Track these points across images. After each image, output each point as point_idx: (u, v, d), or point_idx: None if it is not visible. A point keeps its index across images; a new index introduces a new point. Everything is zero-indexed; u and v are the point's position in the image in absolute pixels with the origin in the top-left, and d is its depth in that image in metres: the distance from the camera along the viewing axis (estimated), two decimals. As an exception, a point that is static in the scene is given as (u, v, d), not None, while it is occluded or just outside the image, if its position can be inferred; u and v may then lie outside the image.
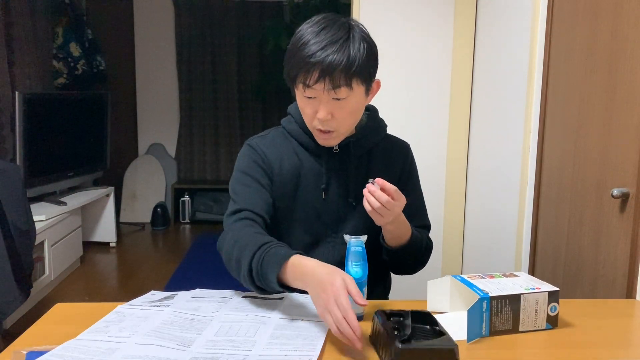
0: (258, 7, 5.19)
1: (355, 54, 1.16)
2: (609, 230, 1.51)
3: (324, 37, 1.15)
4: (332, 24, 1.17)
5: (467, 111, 2.64)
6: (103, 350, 0.94)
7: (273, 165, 1.31)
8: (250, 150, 1.33)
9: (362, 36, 1.20)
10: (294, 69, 1.17)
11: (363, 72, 1.18)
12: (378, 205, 1.13)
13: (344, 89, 1.16)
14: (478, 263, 2.55)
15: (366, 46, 1.19)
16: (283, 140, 1.35)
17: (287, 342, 0.98)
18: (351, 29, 1.19)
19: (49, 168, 3.69)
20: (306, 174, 1.32)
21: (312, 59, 1.13)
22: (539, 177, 1.95)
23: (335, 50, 1.13)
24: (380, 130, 1.39)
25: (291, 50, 1.19)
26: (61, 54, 4.39)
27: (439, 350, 0.91)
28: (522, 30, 2.07)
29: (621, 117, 1.46)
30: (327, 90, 1.15)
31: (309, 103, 1.20)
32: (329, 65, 1.13)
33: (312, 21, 1.20)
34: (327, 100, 1.18)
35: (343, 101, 1.18)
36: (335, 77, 1.14)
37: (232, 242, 1.17)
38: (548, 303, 1.08)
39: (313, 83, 1.15)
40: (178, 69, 5.28)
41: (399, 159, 1.39)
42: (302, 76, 1.16)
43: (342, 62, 1.13)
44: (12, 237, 2.42)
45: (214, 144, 5.42)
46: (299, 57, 1.15)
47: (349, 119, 1.23)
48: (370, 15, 2.59)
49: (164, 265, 4.01)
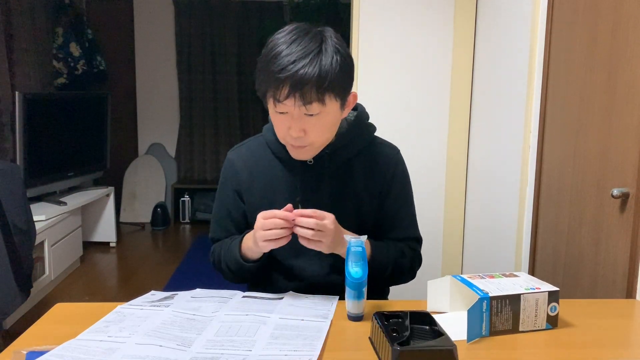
0: (258, 7, 5.19)
1: (328, 68, 1.09)
2: (609, 230, 1.51)
3: (295, 49, 1.09)
4: (303, 36, 1.12)
5: (467, 111, 2.65)
6: (103, 350, 0.94)
7: (244, 184, 1.32)
8: (227, 165, 1.37)
9: (336, 48, 1.13)
10: (264, 83, 1.13)
11: (336, 86, 1.12)
12: (312, 232, 1.11)
13: (316, 105, 1.11)
14: (478, 263, 2.55)
15: (339, 59, 1.12)
16: (260, 150, 1.33)
17: (287, 342, 0.98)
18: (324, 40, 1.12)
19: (49, 168, 3.69)
20: (281, 189, 1.29)
21: (282, 73, 1.08)
22: (539, 177, 1.95)
23: (307, 63, 1.08)
24: (362, 139, 1.31)
25: (262, 63, 1.14)
26: (61, 54, 4.39)
27: (438, 351, 0.91)
28: (522, 31, 2.07)
29: (621, 117, 1.46)
30: (298, 106, 1.11)
31: (281, 118, 1.16)
32: (299, 80, 1.07)
33: (284, 31, 1.15)
34: (299, 116, 1.13)
35: (316, 117, 1.13)
36: (307, 93, 1.09)
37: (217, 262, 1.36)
38: (548, 303, 1.08)
39: (283, 98, 1.10)
40: (178, 69, 5.28)
41: (382, 169, 1.31)
42: (272, 91, 1.11)
43: (314, 77, 1.08)
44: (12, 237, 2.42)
45: (214, 144, 5.41)
46: (268, 72, 1.11)
47: (324, 134, 1.19)
48: (370, 15, 2.59)
49: (164, 265, 4.01)
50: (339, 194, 1.28)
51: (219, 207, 1.39)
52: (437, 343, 0.92)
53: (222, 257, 1.33)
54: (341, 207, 1.26)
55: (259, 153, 1.33)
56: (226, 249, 1.31)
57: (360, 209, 1.30)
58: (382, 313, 1.03)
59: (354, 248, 1.11)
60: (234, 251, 1.27)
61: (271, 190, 1.30)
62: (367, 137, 1.33)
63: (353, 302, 1.11)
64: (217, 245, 1.38)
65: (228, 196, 1.36)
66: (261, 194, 1.31)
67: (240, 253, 1.26)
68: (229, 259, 1.30)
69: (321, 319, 1.09)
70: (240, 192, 1.34)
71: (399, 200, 1.33)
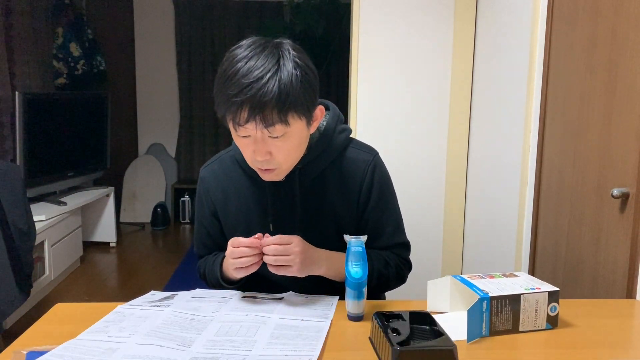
0: (258, 7, 5.19)
1: (288, 86, 1.02)
2: (609, 230, 1.51)
3: (252, 68, 1.02)
4: (260, 52, 1.04)
5: (467, 111, 2.65)
6: (103, 350, 0.94)
7: (219, 204, 1.29)
8: (199, 184, 1.34)
9: (295, 62, 1.05)
10: (222, 106, 1.05)
11: (299, 104, 1.04)
12: (274, 258, 1.09)
13: (279, 127, 1.04)
14: (478, 263, 2.56)
15: (300, 73, 1.04)
16: (231, 166, 1.28)
17: (287, 342, 0.98)
18: (282, 55, 1.04)
19: (49, 168, 3.69)
20: (254, 209, 1.25)
21: (239, 96, 1.01)
22: (539, 177, 1.95)
23: (264, 83, 1.00)
24: (334, 149, 1.23)
25: (219, 84, 1.06)
26: (61, 54, 4.39)
27: (438, 351, 0.91)
28: (522, 30, 2.07)
29: (621, 117, 1.46)
30: (260, 129, 1.04)
31: (245, 142, 1.09)
32: (258, 102, 1.00)
33: (240, 47, 1.07)
34: (262, 138, 1.06)
35: (281, 139, 1.07)
36: (267, 115, 1.02)
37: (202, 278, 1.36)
38: (548, 303, 1.08)
39: (244, 122, 1.03)
40: (178, 69, 5.28)
41: (357, 177, 1.24)
42: (231, 115, 1.04)
43: (274, 98, 1.01)
44: (12, 237, 2.42)
45: (214, 144, 5.41)
46: (226, 95, 1.03)
47: (291, 155, 1.12)
48: (370, 15, 2.59)
49: (164, 265, 4.01)
50: (315, 210, 1.23)
51: (198, 225, 1.37)
52: (437, 343, 0.92)
53: (207, 276, 1.33)
54: (318, 223, 1.23)
55: (230, 170, 1.29)
56: (209, 269, 1.30)
57: (340, 222, 1.24)
58: (382, 313, 1.03)
59: (354, 248, 1.11)
60: (215, 273, 1.26)
61: (245, 211, 1.26)
62: (340, 145, 1.24)
63: (353, 302, 1.11)
64: (202, 261, 1.37)
65: (204, 216, 1.34)
66: (236, 214, 1.27)
67: (221, 275, 1.25)
68: (211, 279, 1.29)
69: (321, 319, 1.09)
70: (215, 212, 1.31)
71: (379, 207, 1.26)
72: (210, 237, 1.35)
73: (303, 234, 1.17)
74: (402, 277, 1.33)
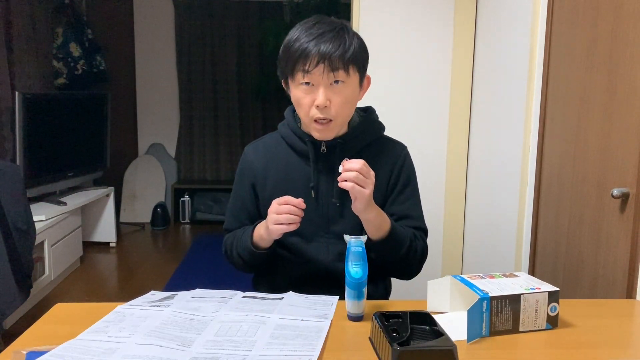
0: (258, 7, 5.19)
1: (351, 43, 1.22)
2: (609, 230, 1.51)
3: (319, 28, 1.22)
4: (324, 20, 1.25)
5: (467, 111, 2.65)
6: (103, 350, 0.94)
7: (257, 175, 1.39)
8: (242, 159, 1.44)
9: (354, 33, 1.27)
10: (292, 59, 1.22)
11: (358, 60, 1.24)
12: (354, 174, 1.15)
13: (342, 73, 1.22)
14: (478, 263, 2.56)
15: (359, 40, 1.26)
16: (275, 144, 1.41)
17: (287, 342, 0.98)
18: (343, 25, 1.26)
19: (49, 168, 3.69)
20: (294, 177, 1.36)
21: (310, 45, 1.20)
22: (539, 177, 1.96)
23: (332, 37, 1.20)
24: (372, 132, 1.39)
25: (287, 46, 1.24)
26: (61, 54, 4.39)
27: (438, 351, 0.91)
28: (522, 30, 2.07)
29: (621, 117, 1.46)
30: (326, 74, 1.20)
31: (307, 91, 1.24)
32: (326, 50, 1.19)
33: (301, 23, 1.26)
34: (325, 85, 1.22)
35: (340, 86, 1.23)
36: (334, 60, 1.20)
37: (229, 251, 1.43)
38: (548, 303, 1.08)
39: (312, 68, 1.20)
40: (178, 69, 5.28)
41: (390, 161, 1.38)
42: (300, 63, 1.21)
43: (339, 48, 1.20)
44: (12, 237, 2.42)
45: (214, 144, 5.41)
46: (296, 48, 1.21)
47: (345, 107, 1.27)
48: (370, 15, 2.59)
49: (164, 265, 4.01)
50: None
51: (234, 199, 1.45)
52: (437, 343, 0.92)
53: (234, 246, 1.39)
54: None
55: (275, 146, 1.41)
56: (238, 237, 1.38)
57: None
58: (382, 313, 1.03)
59: (354, 248, 1.12)
60: (246, 240, 1.34)
61: (285, 179, 1.36)
62: (377, 131, 1.41)
63: (353, 302, 1.11)
64: (230, 235, 1.44)
65: (243, 189, 1.42)
66: (275, 184, 1.37)
67: (252, 241, 1.32)
68: (240, 247, 1.36)
69: (321, 319, 1.09)
70: (255, 185, 1.40)
71: (407, 191, 1.39)
72: (243, 209, 1.42)
73: (340, 202, 1.32)
74: (423, 260, 1.39)
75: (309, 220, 1.31)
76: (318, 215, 1.34)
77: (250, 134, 5.36)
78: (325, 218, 1.34)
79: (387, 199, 1.37)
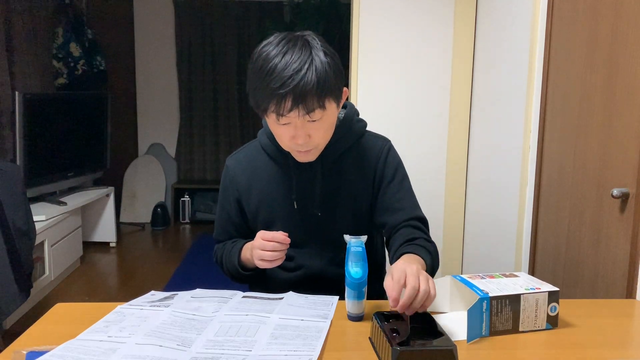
0: (258, 7, 5.19)
1: (323, 74, 1.12)
2: (609, 230, 1.51)
3: (290, 61, 1.11)
4: (292, 47, 1.13)
5: (467, 111, 2.65)
6: (103, 350, 0.94)
7: (241, 189, 1.38)
8: (225, 172, 1.43)
9: (324, 51, 1.15)
10: (265, 100, 1.14)
11: (334, 89, 1.16)
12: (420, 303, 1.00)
13: (318, 111, 1.15)
14: (478, 263, 2.56)
15: (329, 61, 1.14)
16: (257, 154, 1.39)
17: (287, 342, 0.98)
18: (312, 47, 1.14)
19: (49, 168, 3.69)
20: (278, 188, 1.34)
21: (283, 88, 1.10)
22: (539, 177, 1.96)
23: (304, 74, 1.10)
24: (352, 135, 1.34)
25: (257, 80, 1.15)
26: (61, 54, 4.39)
27: (438, 351, 0.91)
28: (522, 30, 2.07)
29: (621, 117, 1.46)
30: (302, 116, 1.14)
31: (284, 129, 1.18)
32: (300, 92, 1.10)
33: (270, 44, 1.16)
34: (302, 124, 1.16)
35: (318, 121, 1.17)
36: (309, 102, 1.12)
37: (219, 264, 1.44)
38: (548, 303, 1.08)
39: (287, 112, 1.12)
40: (178, 69, 5.28)
41: (373, 158, 1.35)
42: (273, 106, 1.13)
43: (314, 86, 1.10)
44: (12, 237, 2.42)
45: (214, 144, 5.42)
46: (268, 89, 1.12)
47: (326, 135, 1.23)
48: (370, 15, 2.59)
49: (164, 265, 4.01)
50: (334, 189, 1.33)
51: (220, 211, 1.45)
52: (437, 343, 0.92)
53: (223, 261, 1.41)
54: (336, 201, 1.33)
55: (256, 157, 1.38)
56: (227, 254, 1.39)
57: (355, 199, 1.34)
58: (382, 313, 1.03)
59: (354, 248, 1.11)
60: (233, 259, 1.35)
61: (269, 191, 1.35)
62: (358, 132, 1.36)
63: (353, 302, 1.11)
64: (220, 246, 1.45)
65: (228, 202, 1.42)
66: (259, 196, 1.36)
67: (239, 261, 1.34)
68: (229, 264, 1.38)
69: (321, 319, 1.09)
70: (239, 199, 1.40)
71: (394, 183, 1.35)
72: (231, 223, 1.42)
73: (322, 211, 1.31)
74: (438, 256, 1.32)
75: (296, 229, 1.31)
76: (304, 225, 1.33)
77: (250, 134, 5.35)
78: (311, 227, 1.34)
79: (377, 196, 1.35)
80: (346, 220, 1.32)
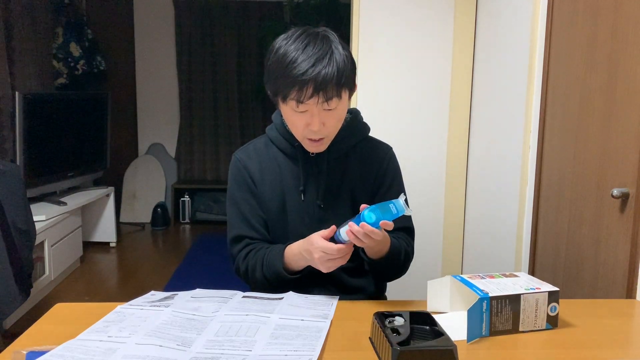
0: (258, 7, 5.19)
1: (343, 66, 1.21)
2: (609, 230, 1.51)
3: (311, 53, 1.19)
4: (313, 39, 1.21)
5: (467, 111, 2.65)
6: (103, 350, 0.94)
7: (255, 178, 1.39)
8: (235, 165, 1.42)
9: (342, 45, 1.24)
10: (287, 87, 1.20)
11: (350, 81, 1.24)
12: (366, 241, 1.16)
13: (335, 100, 1.22)
14: (478, 263, 2.55)
15: (347, 55, 1.24)
16: (265, 148, 1.42)
17: (287, 342, 0.98)
18: (331, 41, 1.23)
19: (49, 168, 3.69)
20: (287, 180, 1.38)
21: (305, 76, 1.17)
22: (539, 177, 1.95)
23: (326, 64, 1.18)
24: (358, 134, 1.41)
25: (277, 70, 1.21)
26: (61, 54, 4.39)
27: (438, 351, 0.91)
28: (522, 30, 2.07)
29: (621, 117, 1.46)
30: (320, 103, 1.20)
31: (301, 117, 1.24)
32: (322, 80, 1.18)
33: (290, 37, 1.23)
34: (318, 112, 1.23)
35: (333, 110, 1.24)
36: (328, 91, 1.19)
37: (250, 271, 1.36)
38: (548, 303, 1.08)
39: (307, 99, 1.19)
40: (178, 69, 5.28)
41: (375, 162, 1.41)
42: (294, 93, 1.20)
43: (334, 76, 1.19)
44: (12, 237, 2.42)
45: (214, 144, 5.42)
46: (290, 76, 1.18)
47: (338, 124, 1.30)
48: (370, 15, 2.59)
49: (164, 265, 4.01)
50: (336, 184, 1.38)
51: (236, 207, 1.40)
52: (437, 343, 0.92)
53: (259, 267, 1.33)
54: (337, 193, 1.39)
55: (264, 151, 1.42)
56: (266, 259, 1.33)
57: (354, 194, 1.39)
58: (382, 313, 1.03)
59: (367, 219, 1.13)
60: (276, 264, 1.30)
61: (279, 180, 1.38)
62: (363, 133, 1.43)
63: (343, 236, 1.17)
64: (250, 253, 1.37)
65: (242, 195, 1.40)
66: (272, 185, 1.39)
67: (283, 265, 1.29)
68: (267, 270, 1.32)
69: (321, 319, 1.09)
70: (253, 188, 1.39)
71: (392, 190, 1.40)
72: (255, 215, 1.38)
73: (324, 203, 1.36)
74: (408, 264, 1.39)
75: (301, 221, 1.36)
76: (308, 217, 1.36)
77: (250, 134, 5.35)
78: (313, 220, 1.36)
79: (373, 199, 1.38)
80: (345, 214, 1.34)
